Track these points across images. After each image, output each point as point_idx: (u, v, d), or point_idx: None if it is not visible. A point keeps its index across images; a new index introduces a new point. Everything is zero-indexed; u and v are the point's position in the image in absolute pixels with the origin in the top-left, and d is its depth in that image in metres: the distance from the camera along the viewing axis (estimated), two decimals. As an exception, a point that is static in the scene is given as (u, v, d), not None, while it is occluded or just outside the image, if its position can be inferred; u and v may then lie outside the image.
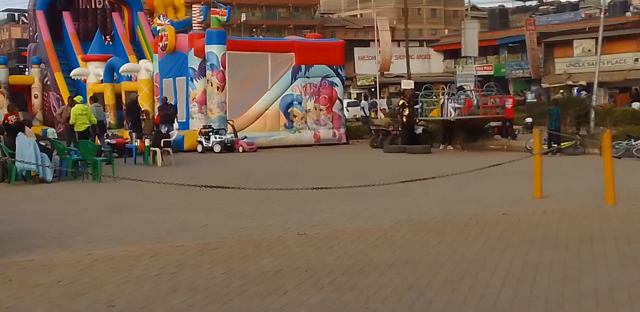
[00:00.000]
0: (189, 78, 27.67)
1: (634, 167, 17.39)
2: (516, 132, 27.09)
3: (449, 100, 24.31)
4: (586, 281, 6.69)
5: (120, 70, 31.38)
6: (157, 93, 29.33)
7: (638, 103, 42.44)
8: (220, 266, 7.53)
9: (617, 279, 6.74)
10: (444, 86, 27.93)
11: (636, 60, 52.14)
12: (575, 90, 48.90)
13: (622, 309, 5.80)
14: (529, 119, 30.04)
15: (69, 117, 22.16)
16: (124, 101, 30.56)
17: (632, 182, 14.20)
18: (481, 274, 7.01)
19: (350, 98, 62.12)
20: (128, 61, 33.13)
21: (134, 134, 22.91)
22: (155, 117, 26.78)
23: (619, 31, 51.56)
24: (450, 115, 24.28)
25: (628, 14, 61.29)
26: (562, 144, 21.40)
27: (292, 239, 8.93)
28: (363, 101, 42.03)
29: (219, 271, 7.28)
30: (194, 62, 27.53)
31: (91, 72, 33.55)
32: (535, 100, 47.85)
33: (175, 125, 26.46)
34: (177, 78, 28.41)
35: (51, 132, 27.74)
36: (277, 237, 9.11)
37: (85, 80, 33.92)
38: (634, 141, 20.28)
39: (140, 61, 32.22)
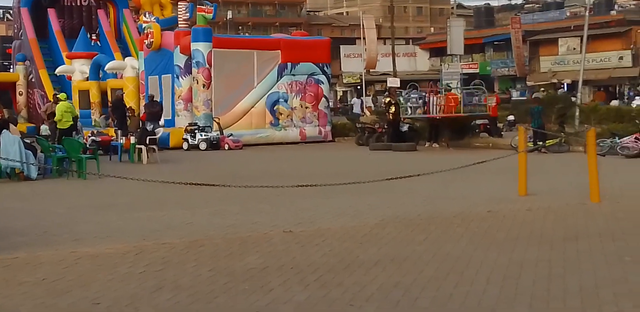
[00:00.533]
0: (175, 75, 27.60)
1: (618, 165, 17.47)
2: (502, 131, 27.14)
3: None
4: (571, 278, 6.71)
5: (105, 68, 31.26)
6: (142, 91, 29.22)
7: (616, 101, 42.73)
8: (206, 263, 7.52)
9: (601, 276, 6.76)
10: (431, 84, 27.98)
11: (620, 58, 52.40)
12: (562, 88, 49.12)
13: (607, 307, 5.82)
14: (510, 117, 30.12)
15: (52, 114, 22.04)
16: (109, 99, 30.45)
17: (616, 179, 14.26)
18: (466, 271, 7.02)
19: (336, 96, 62.22)
20: (114, 59, 32.99)
21: (119, 132, 22.83)
22: (142, 114, 26.70)
23: (603, 30, 51.81)
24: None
25: (613, 12, 61.56)
26: (547, 141, 21.47)
27: (277, 237, 8.92)
28: (355, 99, 42.02)
29: (205, 269, 7.26)
30: (179, 60, 27.46)
31: (76, 69, 33.39)
32: (523, 98, 47.98)
33: (161, 122, 26.39)
34: (162, 76, 28.32)
35: (44, 129, 27.58)
36: (262, 234, 9.10)
37: (70, 78, 33.76)
38: (618, 139, 20.36)
39: (126, 59, 32.11)
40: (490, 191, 13.00)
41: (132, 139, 20.87)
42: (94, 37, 36.80)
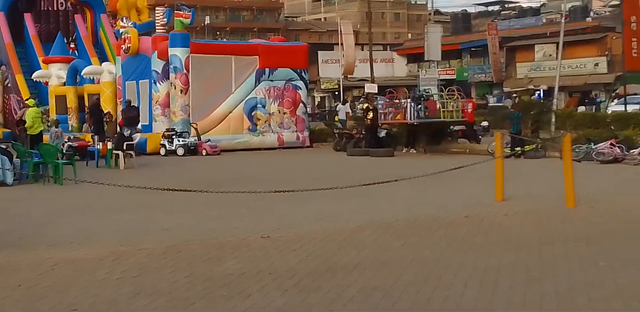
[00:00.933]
0: (152, 81, 27.52)
1: (594, 171, 17.61)
2: (480, 136, 27.21)
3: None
4: (547, 282, 6.76)
5: (82, 73, 31.07)
6: (119, 96, 29.11)
7: (583, 107, 43.15)
8: (183, 269, 7.50)
9: (577, 281, 6.82)
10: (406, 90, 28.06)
11: (596, 64, 52.85)
12: (537, 94, 49.44)
13: (583, 310, 5.86)
14: (484, 123, 30.26)
15: (23, 120, 21.80)
16: (86, 104, 30.29)
17: (592, 185, 14.38)
18: (444, 275, 7.05)
19: (314, 101, 62.25)
20: (91, 63, 32.82)
21: (96, 137, 22.71)
22: (119, 120, 26.59)
23: (579, 36, 52.25)
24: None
25: (588, 19, 62.15)
26: (524, 147, 21.60)
27: (255, 242, 8.91)
28: (340, 105, 42.06)
29: (182, 274, 7.25)
30: (157, 65, 27.39)
31: (53, 74, 33.17)
32: (500, 104, 48.26)
33: (139, 127, 26.30)
34: (140, 81, 28.23)
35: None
36: (240, 240, 9.09)
37: (47, 83, 33.55)
38: (594, 145, 20.52)
39: (103, 64, 31.96)
40: (467, 196, 13.06)
41: (109, 145, 20.78)
42: (72, 46, 36.58)
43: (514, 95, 49.99)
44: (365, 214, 11.06)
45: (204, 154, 25.45)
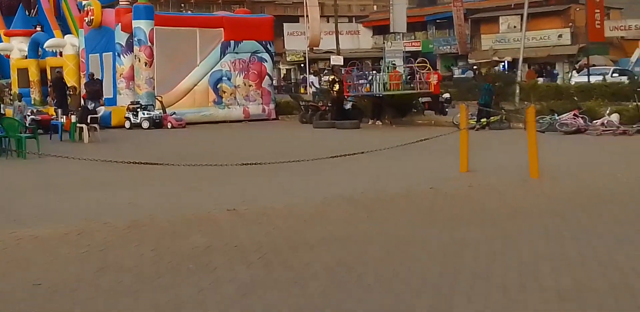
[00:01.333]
0: (116, 54, 27.16)
1: (557, 142, 17.73)
2: (447, 109, 27.07)
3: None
4: (511, 254, 6.80)
5: (45, 46, 30.60)
6: (83, 69, 28.72)
7: (541, 79, 43.38)
8: (149, 243, 7.44)
9: (541, 252, 6.87)
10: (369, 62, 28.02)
11: (560, 36, 53.05)
12: (501, 66, 49.60)
13: (545, 281, 5.91)
14: (446, 95, 30.22)
15: None
16: (49, 77, 29.85)
17: (555, 156, 14.48)
18: (409, 249, 7.07)
19: (280, 74, 61.95)
20: (53, 36, 32.30)
21: (59, 111, 22.42)
22: (83, 93, 26.25)
23: (543, 8, 52.30)
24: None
25: (552, -9, 62.22)
26: (491, 119, 21.68)
27: (221, 216, 8.87)
28: (312, 76, 41.79)
29: (148, 249, 7.19)
30: (121, 38, 27.01)
31: (15, 47, 32.64)
32: (464, 75, 48.32)
33: (102, 101, 26.01)
34: (103, 54, 27.85)
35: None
36: (206, 214, 9.04)
37: (8, 56, 33.01)
38: (557, 116, 20.65)
39: (66, 36, 31.41)
40: (432, 169, 13.09)
41: (73, 118, 20.53)
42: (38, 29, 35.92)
43: (474, 67, 50.11)
44: (331, 188, 11.04)
45: (169, 127, 25.25)
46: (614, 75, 37.99)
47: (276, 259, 6.74)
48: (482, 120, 21.37)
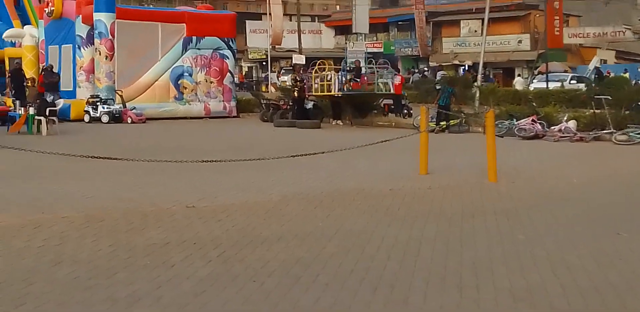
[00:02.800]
0: (76, 46, 26.91)
1: (515, 146, 17.94)
2: (411, 111, 26.98)
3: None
4: (467, 254, 6.89)
5: (3, 36, 30.21)
6: (42, 60, 28.41)
7: (520, 78, 43.77)
8: (106, 238, 7.40)
9: (496, 252, 6.97)
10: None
11: (520, 41, 53.67)
12: (461, 70, 50.00)
13: (500, 281, 6.00)
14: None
15: None
16: (7, 68, 29.46)
17: (513, 160, 14.67)
18: (367, 247, 7.12)
19: (241, 71, 61.75)
20: (12, 26, 31.88)
21: (17, 102, 22.14)
22: (38, 86, 25.91)
23: (503, 13, 52.89)
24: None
25: (513, -4, 62.79)
26: (450, 122, 21.87)
27: (180, 212, 8.85)
28: (289, 76, 41.73)
29: (105, 244, 7.15)
30: (81, 30, 26.76)
31: (-28, 37, 32.17)
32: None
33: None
34: (63, 45, 27.58)
35: None
36: (164, 209, 9.01)
37: (-35, 46, 32.50)
38: (516, 121, 20.90)
39: (25, 27, 31.04)
40: (392, 169, 13.18)
41: (31, 110, 20.30)
42: None
43: (425, 69, 50.32)
44: (291, 186, 11.07)
45: (129, 121, 25.08)
46: (572, 82, 38.51)
47: (235, 256, 6.75)
48: (441, 123, 21.55)
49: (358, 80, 24.84)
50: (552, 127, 20.34)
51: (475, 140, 17.43)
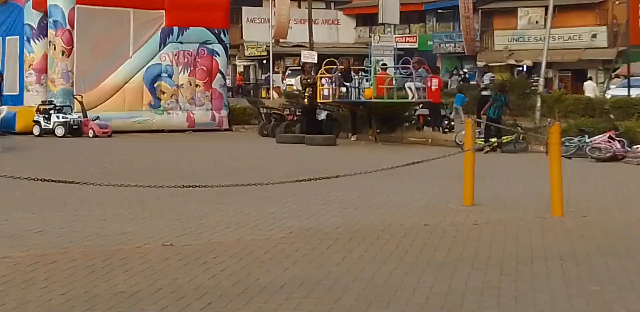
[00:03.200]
0: (25, 38, 27.12)
1: (587, 170, 17.90)
2: (452, 123, 26.95)
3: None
4: (522, 307, 6.86)
5: None
6: (-19, 56, 28.66)
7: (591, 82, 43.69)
8: (60, 284, 7.42)
9: (561, 308, 6.94)
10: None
11: (594, 36, 53.49)
12: (517, 72, 50.04)
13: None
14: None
15: None
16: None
17: (584, 188, 14.63)
18: (394, 301, 7.11)
19: (235, 72, 62.01)
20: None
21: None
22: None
23: (573, -1, 52.93)
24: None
25: (586, -22, 62.93)
26: (503, 138, 21.85)
27: (154, 252, 8.86)
28: (296, 78, 41.93)
29: (58, 292, 7.17)
30: (31, 18, 27.00)
31: None
32: (473, 82, 48.55)
33: None
34: (7, 37, 27.82)
35: None
36: (135, 248, 9.03)
37: None
38: (588, 138, 20.81)
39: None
40: (427, 199, 13.17)
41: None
42: None
43: (464, 71, 50.26)
44: (297, 220, 11.08)
45: (90, 135, 25.21)
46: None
47: (223, 309, 6.75)
48: (491, 140, 21.53)
49: (347, 85, 24.81)
50: (635, 147, 20.28)
51: (536, 163, 17.41)
